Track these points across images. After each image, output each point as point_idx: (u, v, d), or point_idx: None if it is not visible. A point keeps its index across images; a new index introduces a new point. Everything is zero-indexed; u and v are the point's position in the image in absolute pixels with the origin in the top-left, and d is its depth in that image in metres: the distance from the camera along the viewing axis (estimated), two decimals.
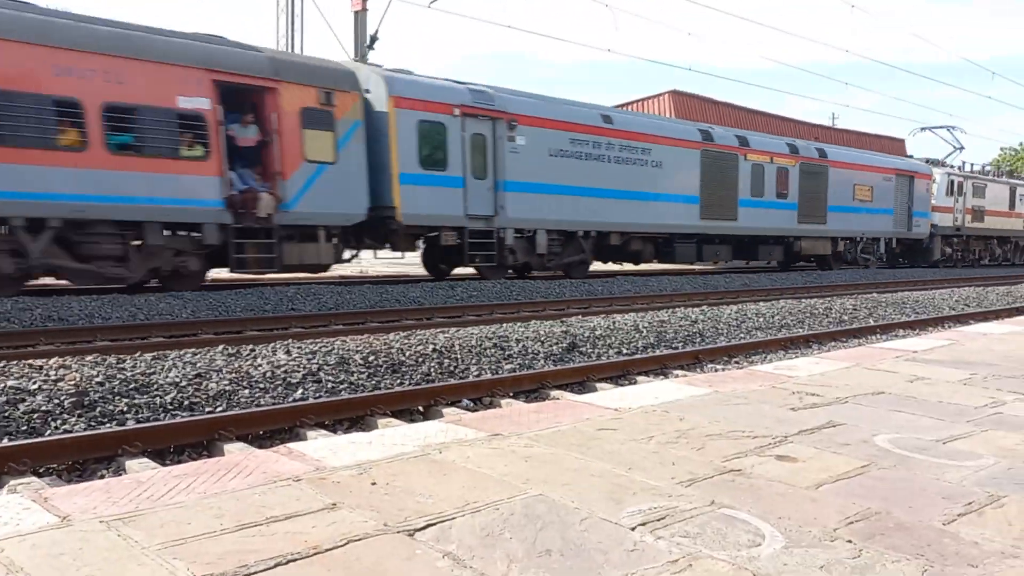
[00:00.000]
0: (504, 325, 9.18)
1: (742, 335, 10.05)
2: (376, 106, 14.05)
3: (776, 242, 22.45)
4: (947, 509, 2.37)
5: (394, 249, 15.29)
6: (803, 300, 14.03)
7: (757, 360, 8.33)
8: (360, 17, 18.40)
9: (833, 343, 9.58)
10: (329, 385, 6.28)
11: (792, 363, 5.15)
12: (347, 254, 14.53)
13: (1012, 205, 32.89)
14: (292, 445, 3.15)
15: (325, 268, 14.32)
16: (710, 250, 20.59)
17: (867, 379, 4.49)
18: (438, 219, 14.67)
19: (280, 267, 13.02)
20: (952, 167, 30.52)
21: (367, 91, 14.08)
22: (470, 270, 16.38)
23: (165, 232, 11.91)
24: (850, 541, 2.11)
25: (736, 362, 8.24)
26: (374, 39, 18.00)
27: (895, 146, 46.59)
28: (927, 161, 29.73)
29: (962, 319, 12.03)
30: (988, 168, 34.36)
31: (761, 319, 11.17)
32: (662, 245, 19.42)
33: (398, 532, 2.14)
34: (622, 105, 33.07)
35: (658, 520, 2.24)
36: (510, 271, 16.60)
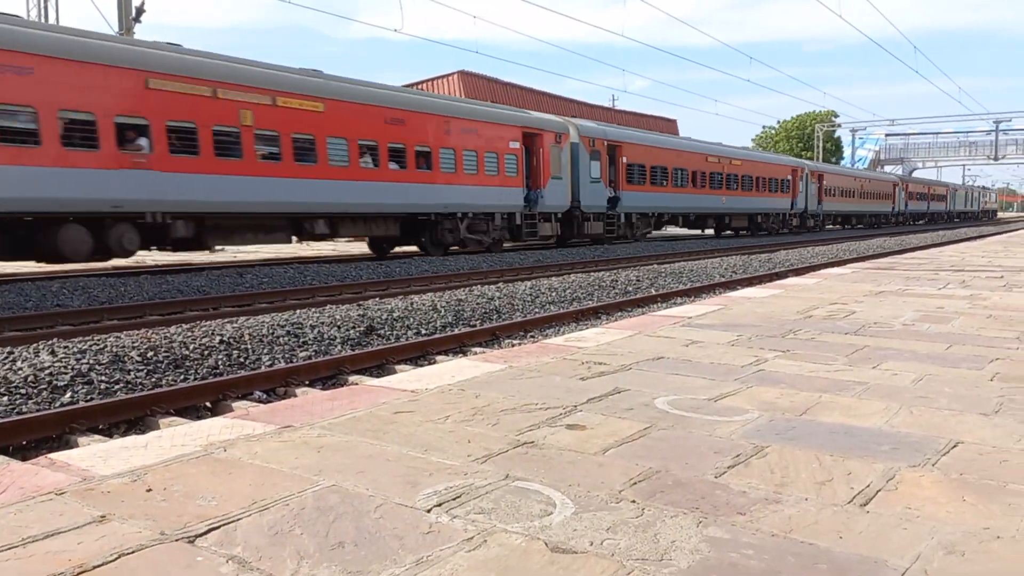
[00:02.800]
0: (298, 311, 8.89)
1: (536, 310, 10.38)
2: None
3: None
4: (718, 463, 2.56)
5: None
6: (592, 273, 14.73)
7: (550, 333, 8.64)
8: None
9: (619, 313, 10.13)
10: (102, 386, 5.78)
11: (582, 334, 5.36)
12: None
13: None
14: (56, 455, 2.85)
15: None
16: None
17: (649, 345, 4.76)
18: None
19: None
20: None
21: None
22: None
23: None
24: (634, 501, 2.22)
25: (531, 336, 8.50)
26: (140, 11, 16.65)
27: (670, 126, 49.86)
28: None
29: (730, 285, 13.14)
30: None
31: (554, 293, 11.59)
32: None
33: (177, 540, 1.99)
34: (412, 85, 32.89)
35: (454, 499, 2.24)
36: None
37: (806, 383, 3.71)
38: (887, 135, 76.84)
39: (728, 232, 36.42)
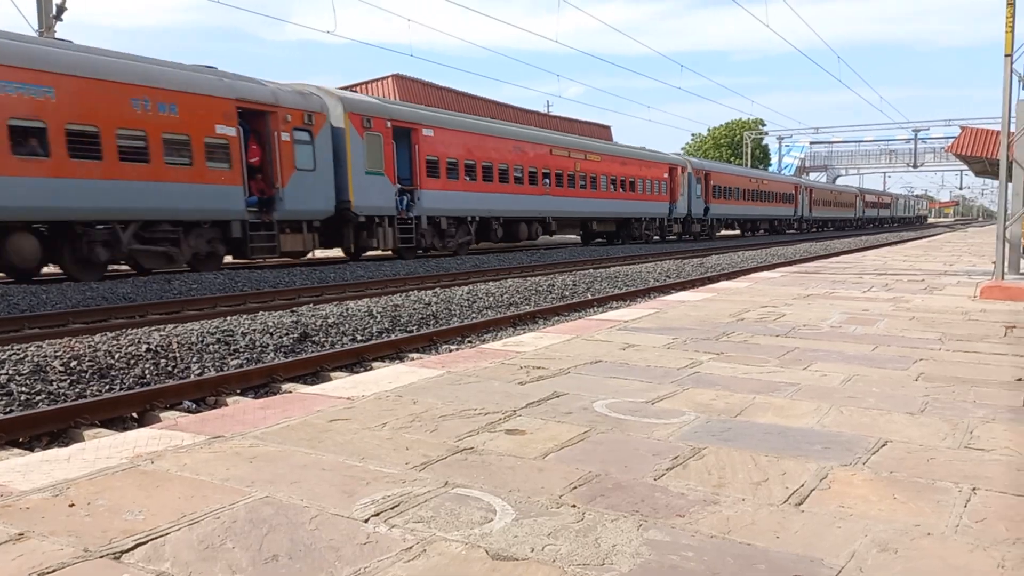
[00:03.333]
0: (229, 318, 8.67)
1: (474, 315, 10.35)
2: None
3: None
4: (657, 465, 2.57)
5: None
6: (529, 278, 14.76)
7: (488, 338, 8.61)
8: None
9: (556, 317, 10.18)
10: (23, 397, 5.54)
11: (520, 339, 5.35)
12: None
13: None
14: None
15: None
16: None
17: (586, 349, 4.79)
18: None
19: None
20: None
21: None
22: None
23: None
24: (574, 506, 2.21)
25: (469, 341, 8.46)
26: (62, 9, 16.09)
27: (603, 132, 50.43)
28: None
29: (665, 289, 13.33)
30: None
31: (491, 298, 11.57)
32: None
33: (102, 557, 1.90)
34: (346, 87, 32.53)
35: (392, 508, 2.20)
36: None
37: (740, 385, 3.77)
38: (812, 143, 79.33)
39: (747, 232, 49.59)
